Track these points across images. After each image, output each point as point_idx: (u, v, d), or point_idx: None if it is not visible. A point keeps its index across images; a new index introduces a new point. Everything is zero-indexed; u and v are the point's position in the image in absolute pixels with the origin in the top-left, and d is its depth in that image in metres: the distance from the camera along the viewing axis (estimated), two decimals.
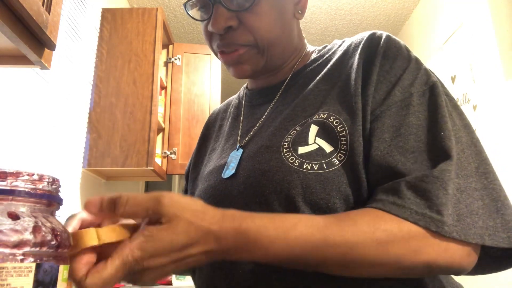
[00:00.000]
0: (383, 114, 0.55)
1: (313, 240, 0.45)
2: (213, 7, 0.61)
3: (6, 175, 0.36)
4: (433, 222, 0.46)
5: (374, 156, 0.53)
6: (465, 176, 0.50)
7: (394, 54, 0.58)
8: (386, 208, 0.48)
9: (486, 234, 0.47)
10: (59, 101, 1.84)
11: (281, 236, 0.45)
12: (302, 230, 0.45)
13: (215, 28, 0.61)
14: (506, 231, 0.48)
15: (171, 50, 2.69)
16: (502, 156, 1.82)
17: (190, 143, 2.51)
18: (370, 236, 0.45)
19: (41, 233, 0.36)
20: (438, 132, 0.52)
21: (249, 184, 0.58)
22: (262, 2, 0.62)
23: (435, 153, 0.51)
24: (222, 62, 0.67)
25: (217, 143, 0.77)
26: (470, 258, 0.48)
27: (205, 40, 0.68)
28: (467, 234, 0.46)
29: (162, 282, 2.05)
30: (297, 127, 0.60)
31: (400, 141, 0.52)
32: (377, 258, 0.46)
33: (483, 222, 0.47)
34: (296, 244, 0.45)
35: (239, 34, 0.62)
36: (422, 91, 0.56)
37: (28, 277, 0.34)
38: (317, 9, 2.87)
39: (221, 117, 0.84)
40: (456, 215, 0.47)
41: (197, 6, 0.65)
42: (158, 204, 0.41)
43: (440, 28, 2.49)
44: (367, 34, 0.63)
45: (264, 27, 0.62)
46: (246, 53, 0.64)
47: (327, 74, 0.64)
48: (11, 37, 0.77)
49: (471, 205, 0.48)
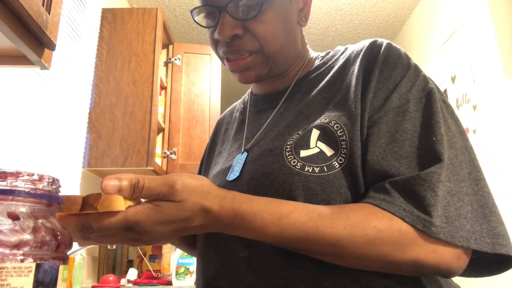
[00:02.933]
0: (380, 120, 0.56)
1: (304, 229, 0.48)
2: (220, 15, 0.62)
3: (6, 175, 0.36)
4: (420, 221, 0.47)
5: (370, 161, 0.54)
6: (457, 180, 0.51)
7: (394, 62, 0.60)
8: (375, 203, 0.50)
9: (473, 238, 0.48)
10: (59, 101, 1.84)
11: (275, 222, 0.48)
12: (296, 218, 0.49)
13: (221, 36, 0.63)
14: (491, 237, 0.49)
15: (171, 50, 2.69)
16: (502, 156, 1.82)
17: (190, 143, 2.51)
18: (360, 231, 0.48)
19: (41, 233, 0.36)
20: (431, 137, 0.53)
21: (252, 186, 0.60)
22: (267, 11, 0.63)
23: (426, 157, 0.52)
24: (228, 69, 0.69)
25: (223, 146, 0.80)
26: (459, 261, 0.49)
27: (210, 46, 0.69)
28: (454, 237, 0.47)
29: (162, 282, 2.05)
30: (299, 132, 0.61)
31: (395, 147, 0.54)
32: (365, 253, 0.48)
33: (471, 226, 0.49)
34: (287, 231, 0.48)
35: (245, 42, 0.64)
36: (419, 98, 0.57)
37: (28, 277, 0.34)
38: (317, 9, 2.87)
39: (226, 121, 0.86)
40: (445, 217, 0.48)
41: (204, 13, 0.66)
42: (171, 189, 0.45)
43: (440, 28, 2.49)
44: (368, 42, 0.64)
45: (270, 35, 0.63)
46: (252, 60, 0.65)
47: (329, 82, 0.66)
48: (11, 37, 0.77)
49: (460, 209, 0.49)
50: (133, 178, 0.44)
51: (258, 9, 0.61)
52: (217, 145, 0.84)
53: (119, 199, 0.43)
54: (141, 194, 0.45)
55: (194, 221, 0.47)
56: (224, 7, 0.62)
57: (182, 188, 0.45)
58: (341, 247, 0.48)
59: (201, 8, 0.65)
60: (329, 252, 0.49)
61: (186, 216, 0.46)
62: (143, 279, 2.11)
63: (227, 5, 0.62)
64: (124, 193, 0.44)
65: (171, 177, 0.46)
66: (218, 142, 0.84)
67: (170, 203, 0.45)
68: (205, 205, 0.47)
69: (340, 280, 0.52)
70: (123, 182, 0.43)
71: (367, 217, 0.48)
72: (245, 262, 0.57)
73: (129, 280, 2.11)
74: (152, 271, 2.15)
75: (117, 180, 0.43)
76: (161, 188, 0.45)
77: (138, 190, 0.44)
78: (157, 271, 2.15)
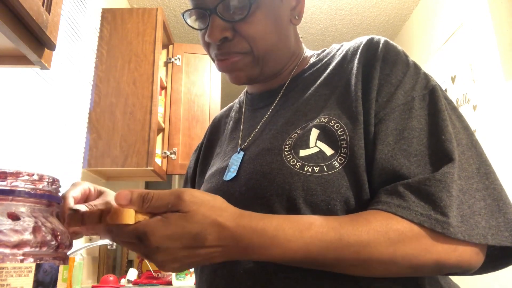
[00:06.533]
0: (387, 117, 0.56)
1: (328, 239, 0.47)
2: (210, 18, 0.62)
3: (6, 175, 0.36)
4: (438, 224, 0.47)
5: (379, 159, 0.53)
6: (466, 177, 0.51)
7: (393, 59, 0.59)
8: (392, 210, 0.49)
9: (489, 234, 0.48)
10: (59, 101, 1.84)
11: (297, 235, 0.46)
12: (317, 229, 0.47)
13: (211, 39, 0.63)
14: (508, 230, 0.49)
15: (171, 50, 2.69)
16: (502, 156, 1.82)
17: (190, 143, 2.51)
18: (383, 235, 0.47)
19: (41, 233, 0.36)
20: (440, 135, 0.53)
21: (250, 186, 0.59)
22: (257, 12, 0.62)
23: (437, 156, 0.52)
24: (217, 69, 0.68)
25: (221, 147, 0.79)
26: (478, 257, 0.49)
27: (203, 47, 0.69)
28: (470, 235, 0.47)
29: (162, 282, 2.05)
30: (298, 131, 0.60)
31: (403, 144, 0.53)
32: (390, 256, 0.47)
33: (486, 222, 0.49)
34: (312, 243, 0.46)
35: (235, 43, 0.63)
36: (422, 95, 0.57)
37: (28, 277, 0.34)
38: (317, 9, 2.87)
39: (224, 121, 0.85)
40: (460, 216, 0.48)
41: (195, 16, 0.66)
42: (178, 199, 0.44)
43: (440, 28, 2.49)
44: (365, 39, 0.64)
45: (260, 36, 0.63)
46: (241, 61, 0.65)
47: (327, 79, 0.65)
48: (11, 37, 0.77)
49: (473, 206, 0.49)
50: (144, 190, 0.45)
51: (247, 10, 0.61)
52: (215, 146, 0.83)
53: (128, 212, 0.44)
54: (151, 205, 0.45)
55: (207, 239, 0.44)
56: (214, 9, 0.62)
57: (189, 199, 0.44)
58: (367, 253, 0.47)
59: (192, 11, 0.66)
60: (357, 261, 0.48)
61: (196, 230, 0.44)
62: (143, 279, 2.11)
63: (216, 7, 0.61)
64: (134, 204, 0.45)
65: (180, 189, 0.46)
66: (217, 143, 0.83)
67: (177, 214, 0.44)
68: (217, 220, 0.44)
69: (339, 282, 0.51)
70: (133, 194, 0.45)
71: (387, 221, 0.48)
72: (242, 265, 0.56)
73: (129, 280, 2.11)
74: (152, 271, 2.15)
75: (129, 192, 0.45)
76: (169, 198, 0.45)
77: (147, 200, 0.45)
78: (157, 271, 2.15)
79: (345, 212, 0.53)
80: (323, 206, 0.53)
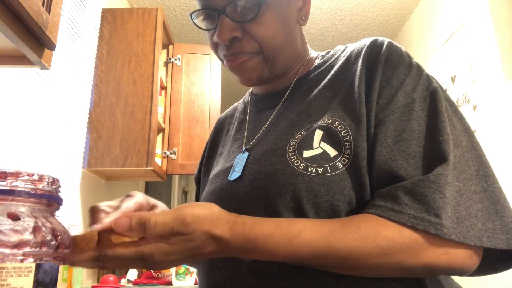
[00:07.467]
0: (386, 119, 0.56)
1: (317, 247, 0.49)
2: (218, 18, 0.62)
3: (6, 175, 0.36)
4: (431, 225, 0.47)
5: (377, 161, 0.54)
6: (465, 179, 0.51)
7: (396, 61, 0.60)
8: (385, 214, 0.49)
9: (485, 236, 0.48)
10: (59, 101, 1.84)
11: (287, 243, 0.49)
12: (307, 236, 0.49)
13: (220, 39, 0.63)
14: (505, 233, 0.49)
15: (171, 50, 2.69)
16: (502, 156, 1.82)
17: (190, 143, 2.51)
18: (372, 242, 0.48)
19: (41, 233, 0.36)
20: (437, 137, 0.53)
21: (255, 186, 0.60)
22: (266, 12, 0.62)
23: (432, 157, 0.52)
24: (228, 69, 0.68)
25: (224, 147, 0.79)
26: (472, 260, 0.49)
27: (211, 48, 0.69)
28: (465, 236, 0.47)
29: (162, 282, 2.05)
30: (302, 132, 0.61)
31: (402, 146, 0.53)
32: (378, 263, 0.48)
33: (482, 225, 0.48)
34: (300, 250, 0.49)
35: (245, 44, 0.64)
36: (423, 97, 0.57)
37: (28, 277, 0.34)
38: (317, 9, 2.87)
39: (228, 122, 0.85)
40: (455, 218, 0.48)
41: (203, 16, 0.66)
42: (182, 225, 0.46)
43: (440, 28, 2.49)
44: (369, 40, 0.64)
45: (269, 36, 0.63)
46: (251, 60, 0.65)
47: (331, 81, 0.66)
48: (11, 37, 0.77)
49: (470, 208, 0.49)
50: (142, 216, 0.45)
51: (256, 11, 0.61)
52: (218, 146, 0.83)
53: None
54: (154, 232, 0.45)
55: (206, 248, 0.48)
56: (223, 9, 0.62)
57: (192, 220, 0.47)
58: (354, 259, 0.48)
59: (200, 11, 0.65)
60: (344, 265, 0.50)
61: (196, 245, 0.47)
62: (143, 279, 2.11)
63: (226, 7, 0.61)
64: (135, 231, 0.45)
65: (182, 210, 0.47)
66: (220, 143, 0.83)
67: (181, 237, 0.46)
68: (215, 234, 0.48)
69: (341, 281, 0.52)
70: (132, 221, 0.45)
71: (378, 227, 0.48)
72: (245, 264, 0.57)
73: (129, 280, 2.11)
74: (152, 271, 2.15)
75: (127, 219, 0.46)
76: (173, 224, 0.46)
77: (150, 228, 0.45)
78: (157, 271, 2.15)
79: (348, 213, 0.53)
80: (327, 207, 0.53)
